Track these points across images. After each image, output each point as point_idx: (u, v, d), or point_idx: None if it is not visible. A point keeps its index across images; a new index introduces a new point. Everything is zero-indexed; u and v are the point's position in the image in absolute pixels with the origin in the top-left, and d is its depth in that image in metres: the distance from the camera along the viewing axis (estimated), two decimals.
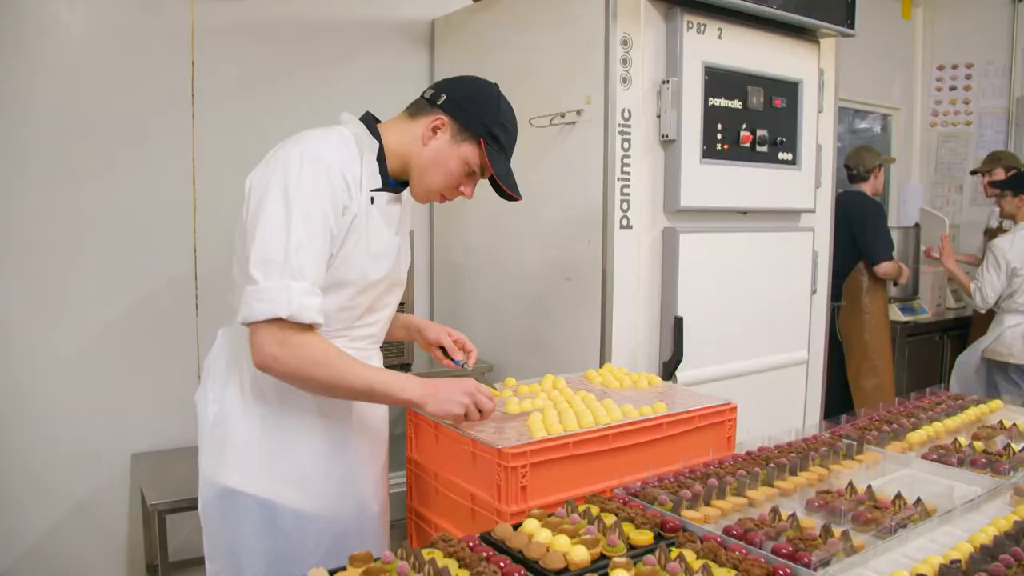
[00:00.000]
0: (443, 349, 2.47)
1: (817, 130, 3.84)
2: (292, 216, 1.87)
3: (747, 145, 3.53)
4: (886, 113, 6.68)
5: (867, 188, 5.37)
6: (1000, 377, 5.09)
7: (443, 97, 2.12)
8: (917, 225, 6.06)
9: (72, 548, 3.45)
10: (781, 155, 3.66)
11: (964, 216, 6.85)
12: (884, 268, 5.17)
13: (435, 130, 2.10)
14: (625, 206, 3.26)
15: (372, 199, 2.06)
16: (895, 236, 5.38)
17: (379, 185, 2.09)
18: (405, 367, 3.79)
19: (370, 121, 2.16)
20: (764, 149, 3.58)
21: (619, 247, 3.25)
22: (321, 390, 1.95)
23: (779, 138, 3.62)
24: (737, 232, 3.60)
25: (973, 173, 5.83)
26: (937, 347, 6.08)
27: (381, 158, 2.10)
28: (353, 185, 2.00)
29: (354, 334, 2.16)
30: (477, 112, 2.10)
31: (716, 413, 2.33)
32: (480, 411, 2.03)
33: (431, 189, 2.15)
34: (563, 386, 2.55)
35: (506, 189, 2.13)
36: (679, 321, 3.31)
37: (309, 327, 1.90)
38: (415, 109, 2.18)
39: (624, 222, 3.26)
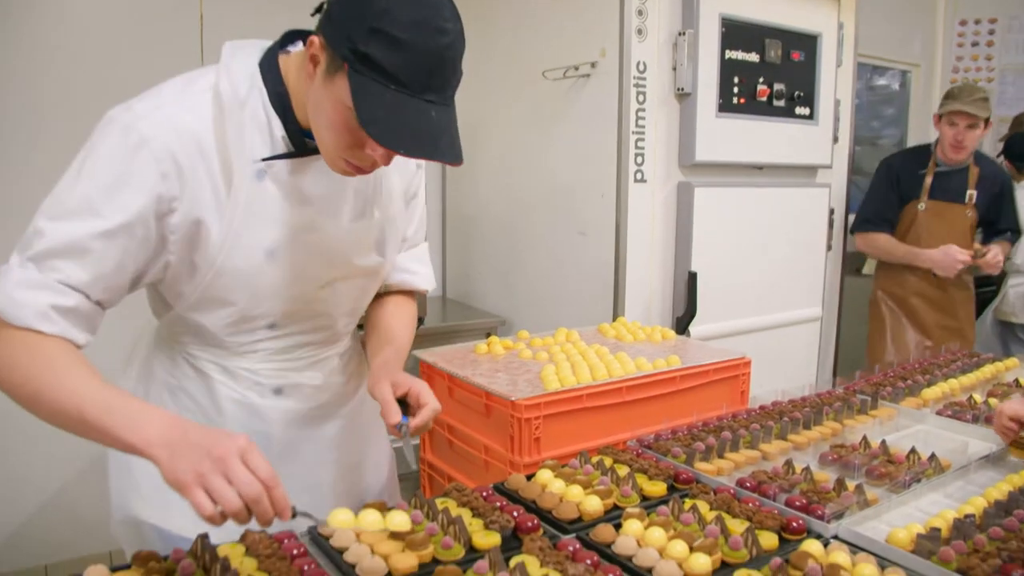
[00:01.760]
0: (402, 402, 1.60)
1: (835, 85, 3.78)
2: (73, 192, 1.37)
3: (764, 99, 3.48)
4: (905, 69, 6.56)
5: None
6: (1010, 338, 5.06)
7: (324, 7, 1.39)
8: None
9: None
10: (798, 110, 3.62)
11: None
12: None
13: (313, 61, 1.37)
14: (639, 160, 3.23)
15: (264, 171, 1.49)
16: None
17: (273, 150, 1.49)
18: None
19: (273, 54, 1.52)
20: (781, 103, 3.54)
21: (633, 201, 3.23)
22: (26, 404, 1.33)
23: (796, 92, 3.57)
24: (753, 187, 3.57)
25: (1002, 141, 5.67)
26: None
27: (287, 108, 1.49)
28: (200, 165, 1.43)
29: (264, 347, 1.68)
30: (344, 19, 1.31)
31: (730, 367, 2.32)
32: (235, 486, 1.18)
33: (327, 152, 1.44)
34: (576, 339, 2.54)
35: (393, 149, 1.33)
36: (693, 276, 3.29)
37: None
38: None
39: (638, 176, 3.23)
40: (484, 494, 1.62)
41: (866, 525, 1.54)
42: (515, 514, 1.50)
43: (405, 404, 1.59)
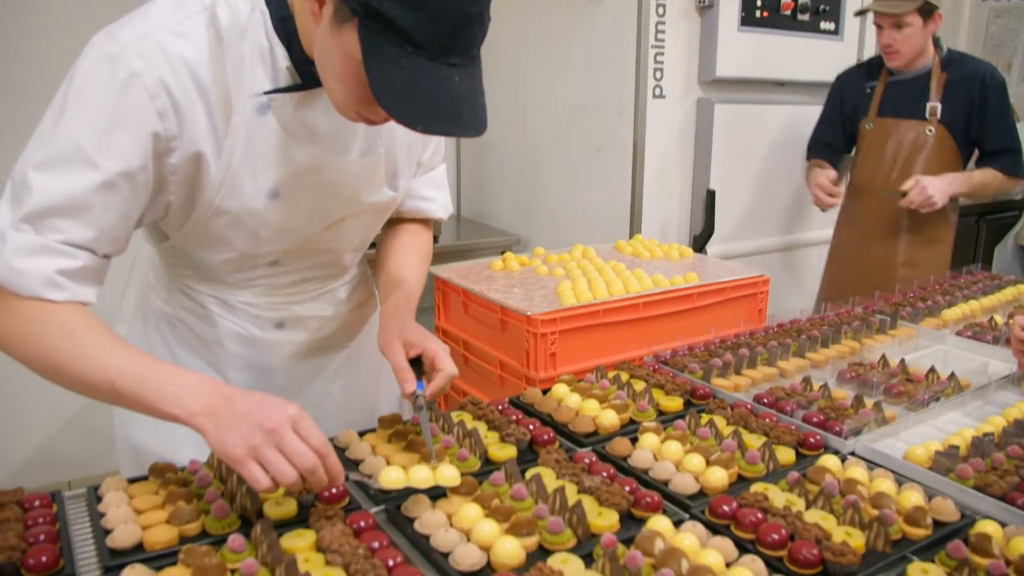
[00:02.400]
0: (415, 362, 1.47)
1: None
2: (60, 136, 1.21)
3: (788, 13, 3.39)
4: None
5: None
6: None
7: None
8: None
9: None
10: (823, 24, 3.52)
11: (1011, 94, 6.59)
12: None
13: (320, 4, 1.19)
14: (658, 75, 3.15)
15: (267, 105, 1.34)
16: None
17: (276, 82, 1.34)
18: None
19: None
20: (805, 17, 3.44)
21: (652, 117, 3.17)
22: (48, 376, 1.24)
23: (821, 6, 3.47)
24: (774, 104, 3.50)
25: None
26: (972, 231, 5.96)
27: (292, 35, 1.33)
28: (197, 100, 1.28)
29: (265, 283, 1.59)
30: None
31: (748, 285, 2.30)
32: (289, 458, 1.13)
33: (336, 102, 1.28)
34: (592, 255, 2.52)
35: (409, 125, 1.16)
36: (711, 194, 3.25)
37: None
38: None
39: (657, 92, 3.17)
40: (500, 408, 1.62)
41: (883, 442, 1.53)
42: (531, 427, 1.50)
43: (419, 364, 1.46)
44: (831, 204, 3.22)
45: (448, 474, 1.27)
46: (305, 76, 1.34)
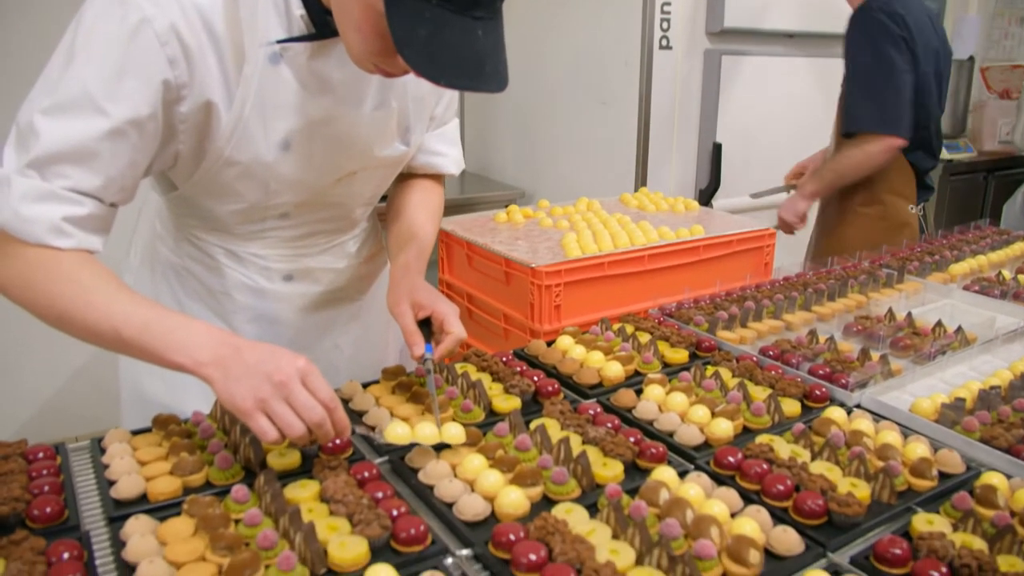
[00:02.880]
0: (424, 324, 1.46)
1: None
2: (68, 80, 1.18)
3: None
4: None
5: None
6: None
7: None
8: (971, 58, 5.77)
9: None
10: None
11: None
12: None
13: None
14: (665, 25, 3.11)
15: (280, 54, 1.31)
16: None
17: (290, 31, 1.31)
18: None
19: None
20: None
21: (658, 69, 3.13)
22: (53, 324, 1.23)
23: None
24: (782, 57, 3.45)
25: None
26: (980, 188, 5.91)
27: None
28: (208, 48, 1.26)
29: (275, 235, 1.58)
30: None
31: (755, 238, 2.28)
32: (297, 411, 1.12)
33: (354, 54, 1.24)
34: (597, 208, 2.50)
35: (432, 79, 1.13)
36: (718, 147, 3.22)
37: None
38: None
39: (664, 43, 3.12)
40: (504, 359, 1.61)
41: (890, 395, 1.52)
42: (535, 379, 1.49)
43: (428, 325, 1.45)
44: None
45: (454, 432, 1.27)
46: (319, 26, 1.30)
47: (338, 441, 1.24)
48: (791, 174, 3.07)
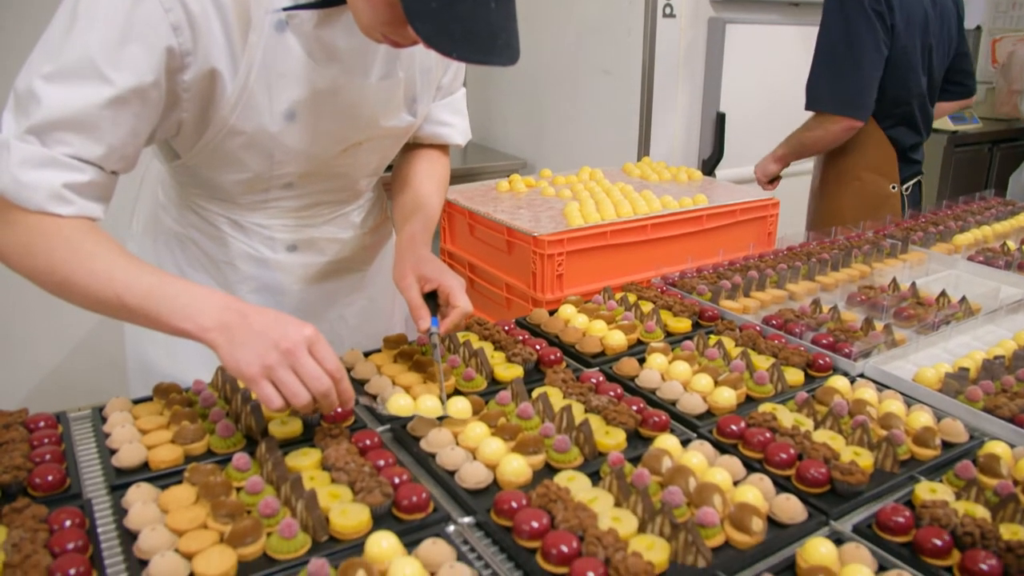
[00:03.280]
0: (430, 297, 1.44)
1: None
2: (70, 46, 1.15)
3: None
4: None
5: None
6: None
7: None
8: (979, 28, 5.72)
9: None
10: None
11: None
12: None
13: None
14: None
15: (285, 21, 1.29)
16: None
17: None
18: None
19: None
20: None
21: (661, 38, 3.10)
22: (55, 291, 1.21)
23: None
24: (787, 25, 3.41)
25: None
26: (985, 159, 5.87)
27: None
28: (213, 15, 1.23)
29: (278, 205, 1.57)
30: None
31: (758, 207, 2.27)
32: (303, 380, 1.11)
33: (362, 23, 1.22)
34: (600, 177, 2.48)
35: (444, 53, 1.11)
36: (721, 117, 3.19)
37: None
38: None
39: (667, 11, 3.09)
40: (506, 328, 1.60)
41: (893, 364, 1.52)
42: (537, 347, 1.49)
43: (434, 298, 1.43)
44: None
45: (459, 407, 1.26)
46: None
47: (340, 410, 1.23)
48: None
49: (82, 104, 1.15)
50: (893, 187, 2.80)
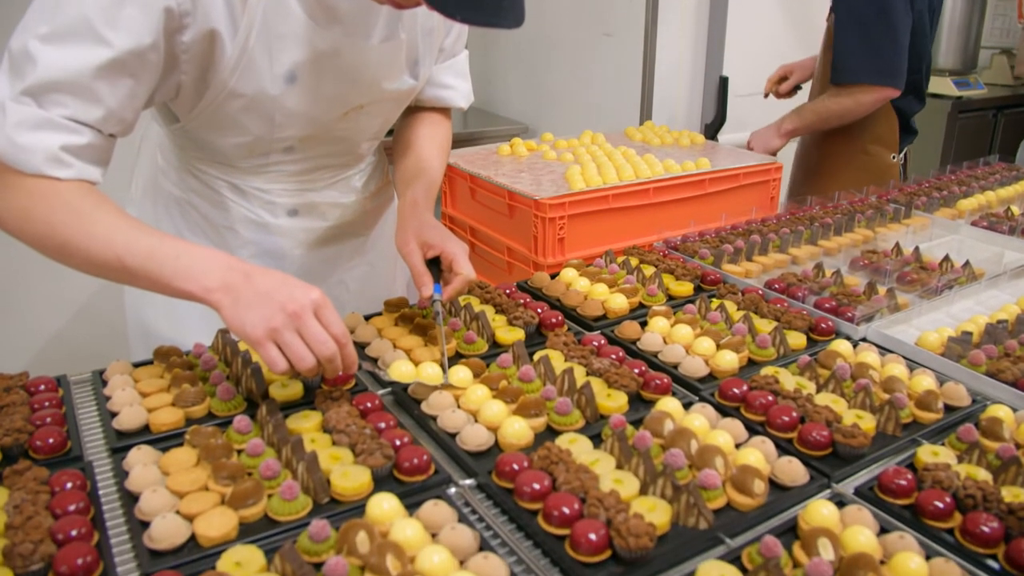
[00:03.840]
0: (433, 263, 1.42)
1: None
2: (61, 9, 1.13)
3: None
4: None
5: None
6: None
7: None
8: None
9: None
10: None
11: None
12: None
13: None
14: None
15: None
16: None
17: None
18: None
19: None
20: None
21: (664, 0, 3.05)
22: (54, 255, 1.18)
23: None
24: None
25: None
26: (989, 125, 5.83)
27: None
28: None
29: (279, 169, 1.55)
30: None
31: (761, 171, 2.25)
32: (309, 344, 1.10)
33: None
34: (602, 141, 2.46)
35: (449, 15, 1.11)
36: (724, 81, 3.16)
37: None
38: None
39: None
40: (507, 291, 1.60)
41: (896, 328, 1.51)
42: (539, 311, 1.48)
43: (437, 264, 1.41)
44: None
45: (461, 375, 1.25)
46: None
47: (342, 374, 1.23)
48: (775, 77, 2.92)
49: (79, 66, 1.13)
50: (893, 157, 2.77)
